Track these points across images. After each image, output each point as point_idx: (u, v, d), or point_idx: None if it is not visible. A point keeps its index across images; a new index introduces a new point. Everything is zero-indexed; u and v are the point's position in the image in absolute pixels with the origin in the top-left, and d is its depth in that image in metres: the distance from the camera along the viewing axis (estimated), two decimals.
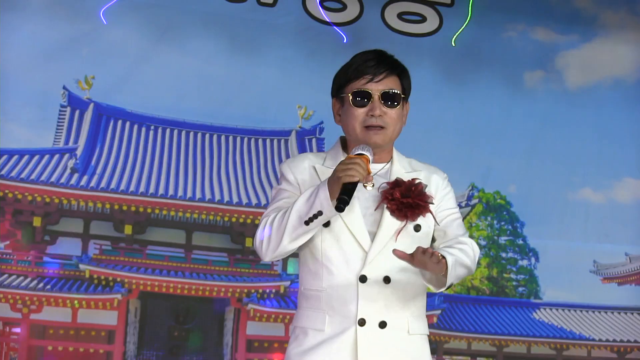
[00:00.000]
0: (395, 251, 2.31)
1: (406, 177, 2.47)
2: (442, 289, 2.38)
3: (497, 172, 7.25)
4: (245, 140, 7.61)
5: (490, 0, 7.01)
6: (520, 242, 7.74)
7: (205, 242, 7.22)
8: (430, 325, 7.83)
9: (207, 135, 7.58)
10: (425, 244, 2.45)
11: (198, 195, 7.10)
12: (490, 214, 7.72)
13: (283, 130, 7.38)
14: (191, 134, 7.52)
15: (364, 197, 2.44)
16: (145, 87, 6.71)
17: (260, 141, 7.52)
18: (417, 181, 2.45)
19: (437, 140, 6.98)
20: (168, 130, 7.43)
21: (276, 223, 2.34)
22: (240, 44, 6.69)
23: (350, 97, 2.49)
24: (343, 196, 2.24)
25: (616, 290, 7.56)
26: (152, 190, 7.00)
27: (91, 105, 7.08)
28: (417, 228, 2.43)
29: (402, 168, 2.55)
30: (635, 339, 7.64)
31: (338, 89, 2.55)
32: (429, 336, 2.57)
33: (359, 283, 2.37)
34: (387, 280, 2.38)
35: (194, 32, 6.63)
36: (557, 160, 7.18)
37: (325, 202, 2.27)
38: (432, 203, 2.46)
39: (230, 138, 7.64)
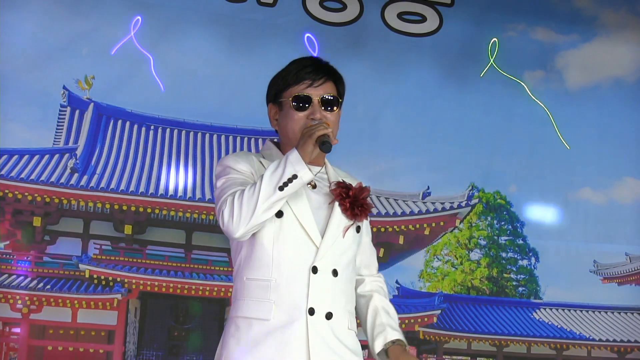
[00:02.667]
0: None
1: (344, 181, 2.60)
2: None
3: (497, 172, 7.25)
4: (245, 140, 7.61)
5: (490, 0, 7.01)
6: (520, 242, 7.74)
7: (205, 242, 7.22)
8: (430, 325, 7.87)
9: (207, 135, 7.58)
10: (356, 245, 2.59)
11: (198, 195, 7.10)
12: (490, 213, 7.72)
13: None
14: (191, 134, 7.52)
15: (312, 194, 2.53)
16: (145, 87, 6.71)
17: (260, 141, 7.52)
18: (364, 185, 2.58)
19: (437, 140, 6.98)
20: (168, 130, 7.42)
21: (246, 195, 2.36)
22: (240, 43, 6.69)
23: (291, 102, 2.54)
24: (325, 140, 2.38)
25: (616, 290, 7.56)
26: (152, 190, 7.00)
27: (91, 105, 7.08)
28: (358, 229, 2.57)
29: (334, 172, 2.64)
30: (635, 339, 7.64)
31: (276, 94, 2.61)
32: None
33: (311, 274, 2.44)
34: (335, 273, 2.47)
35: (194, 32, 6.63)
36: (557, 160, 7.18)
37: (298, 165, 2.35)
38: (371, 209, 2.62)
39: (230, 138, 7.64)
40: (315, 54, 6.33)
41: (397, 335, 2.56)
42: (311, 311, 2.42)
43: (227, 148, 7.59)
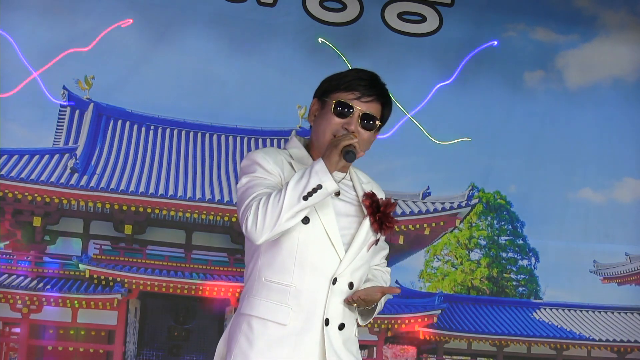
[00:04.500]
0: (350, 298, 2.49)
1: (365, 188, 2.60)
2: (368, 320, 2.61)
3: (497, 172, 7.26)
4: (245, 140, 7.62)
5: (490, 0, 7.01)
6: (520, 242, 7.74)
7: (205, 242, 7.22)
8: (430, 325, 7.86)
9: (207, 135, 7.58)
10: (372, 257, 2.62)
11: (198, 195, 7.10)
12: (490, 214, 7.72)
13: (283, 130, 7.39)
14: (191, 134, 7.52)
15: (336, 202, 2.53)
16: (145, 87, 6.72)
17: (260, 141, 7.53)
18: (392, 200, 2.59)
19: (437, 140, 6.98)
20: (168, 130, 7.43)
21: (271, 202, 2.38)
22: (240, 43, 6.70)
23: (333, 105, 2.56)
24: (349, 150, 2.39)
25: (616, 290, 7.56)
26: (152, 190, 7.00)
27: (91, 105, 7.08)
28: (377, 242, 2.58)
29: (357, 178, 2.65)
30: (635, 339, 7.64)
31: (324, 92, 2.62)
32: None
33: (331, 285, 2.47)
34: (351, 286, 2.50)
35: (194, 32, 6.64)
36: (557, 160, 7.19)
37: (323, 175, 2.37)
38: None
39: (230, 138, 7.64)
40: None
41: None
42: (327, 322, 2.45)
43: (227, 148, 7.59)
